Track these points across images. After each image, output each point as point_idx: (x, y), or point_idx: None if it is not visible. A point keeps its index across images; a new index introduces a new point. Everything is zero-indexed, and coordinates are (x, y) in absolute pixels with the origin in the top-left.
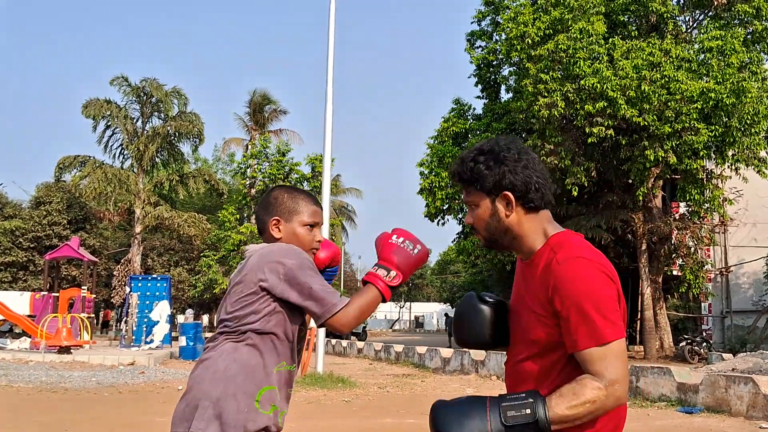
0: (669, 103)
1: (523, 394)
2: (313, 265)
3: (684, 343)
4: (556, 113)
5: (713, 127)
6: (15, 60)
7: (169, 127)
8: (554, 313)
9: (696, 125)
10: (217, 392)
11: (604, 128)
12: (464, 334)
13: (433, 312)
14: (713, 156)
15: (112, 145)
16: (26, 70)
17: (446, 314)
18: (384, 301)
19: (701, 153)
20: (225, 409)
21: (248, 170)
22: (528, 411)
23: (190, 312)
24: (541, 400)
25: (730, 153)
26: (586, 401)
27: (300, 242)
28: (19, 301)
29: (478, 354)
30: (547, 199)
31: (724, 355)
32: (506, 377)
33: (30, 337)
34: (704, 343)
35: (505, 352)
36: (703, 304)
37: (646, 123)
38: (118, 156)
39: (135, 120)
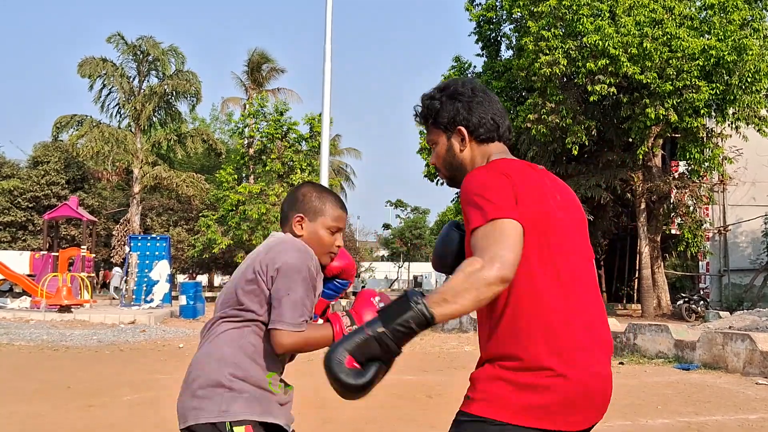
0: (670, 61)
1: (404, 313)
2: (313, 278)
3: (681, 302)
4: (557, 71)
5: (714, 85)
6: (9, 18)
7: (166, 86)
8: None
9: (697, 83)
10: (227, 378)
11: (605, 86)
12: (434, 258)
13: (431, 272)
14: (714, 114)
15: (108, 105)
16: (21, 27)
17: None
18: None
19: (702, 111)
20: (243, 390)
21: (246, 129)
22: (414, 326)
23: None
24: (420, 302)
25: (730, 111)
26: (462, 273)
27: (320, 244)
28: (18, 261)
29: (476, 313)
30: (501, 132)
31: (721, 313)
32: None
33: (30, 296)
34: (701, 302)
35: None
36: (700, 263)
37: (647, 81)
38: (115, 115)
39: (131, 79)
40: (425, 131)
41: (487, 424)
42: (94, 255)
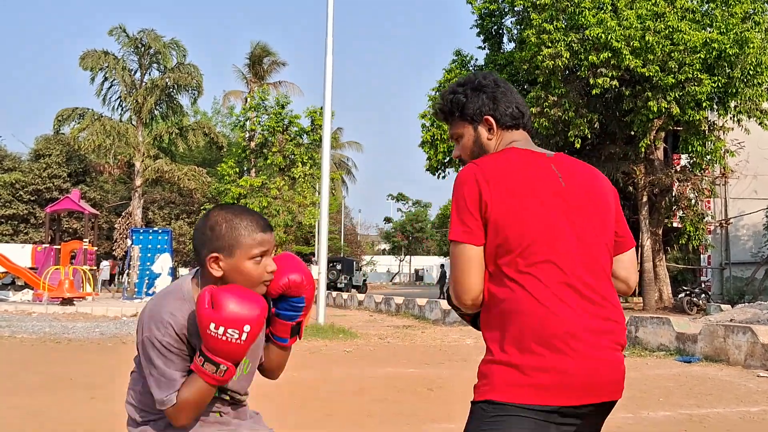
0: (672, 54)
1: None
2: (170, 343)
3: (683, 295)
4: (560, 64)
5: (716, 78)
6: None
7: (167, 79)
8: None
9: (699, 76)
10: (139, 416)
11: (608, 79)
12: None
13: (433, 265)
14: (715, 107)
15: (110, 98)
16: (23, 21)
17: (442, 265)
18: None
19: (704, 104)
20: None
21: (247, 123)
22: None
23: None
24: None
25: (732, 104)
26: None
27: (247, 280)
28: (20, 254)
29: None
30: (525, 120)
31: (722, 306)
32: None
33: (32, 289)
34: (703, 295)
35: None
36: (702, 256)
37: (649, 74)
38: (117, 108)
39: (133, 72)
40: (449, 126)
41: (489, 405)
42: (96, 248)
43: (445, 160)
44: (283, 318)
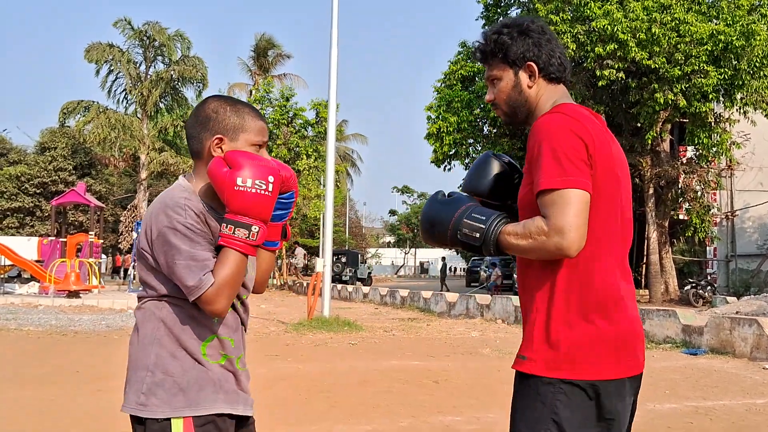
0: (679, 46)
1: (484, 218)
2: (192, 224)
3: (689, 287)
4: (566, 55)
5: (722, 70)
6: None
7: (172, 72)
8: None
9: (705, 68)
10: (151, 358)
11: (614, 71)
12: (465, 181)
13: (438, 258)
14: (722, 99)
15: (115, 90)
16: (28, 14)
17: (443, 258)
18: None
19: (710, 96)
20: (167, 374)
21: None
22: (477, 235)
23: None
24: (498, 225)
25: (738, 96)
26: (529, 236)
27: None
28: (26, 247)
29: (483, 298)
30: (567, 75)
31: (728, 298)
32: None
33: (38, 281)
34: (709, 287)
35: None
36: (708, 248)
37: (656, 66)
38: (122, 101)
39: (138, 65)
40: (486, 68)
41: (567, 385)
42: (102, 241)
43: (451, 152)
44: (275, 219)
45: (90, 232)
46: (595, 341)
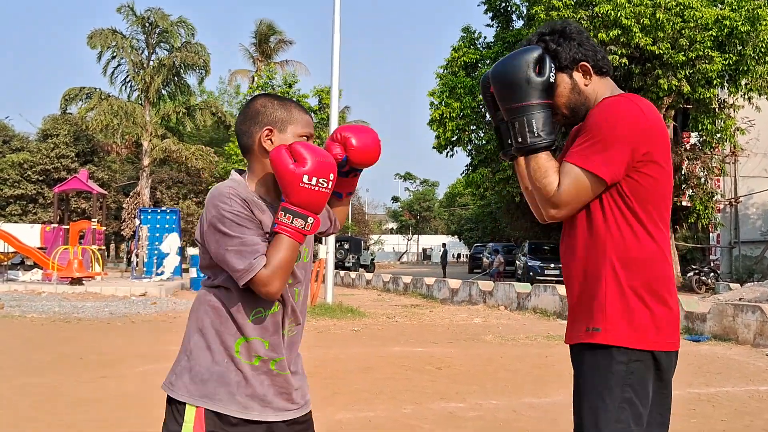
0: (683, 31)
1: (544, 129)
2: (240, 212)
3: (692, 274)
4: None
5: (727, 56)
6: None
7: (174, 58)
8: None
9: (710, 53)
10: (191, 343)
11: (617, 57)
12: (495, 74)
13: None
14: (726, 85)
15: (117, 77)
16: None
17: (443, 244)
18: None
19: (714, 82)
20: (197, 362)
21: None
22: (520, 139)
23: None
24: (539, 149)
25: (743, 82)
26: (543, 178)
27: None
28: (29, 234)
29: (486, 285)
30: (611, 67)
31: (731, 285)
32: None
33: (41, 269)
34: (712, 273)
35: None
36: (711, 235)
37: (660, 51)
38: (124, 88)
39: (140, 51)
40: None
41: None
42: (104, 228)
43: (454, 139)
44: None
45: (93, 219)
46: (662, 317)
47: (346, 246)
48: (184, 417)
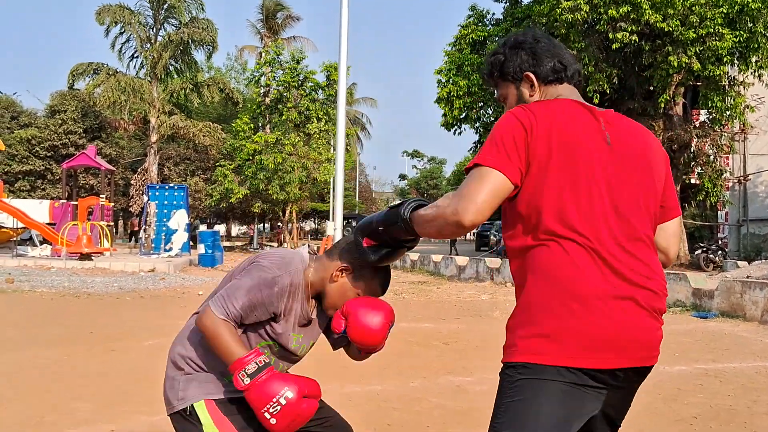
0: (693, 8)
1: (400, 203)
2: (274, 286)
3: (699, 251)
4: (579, 17)
5: (738, 33)
6: None
7: (182, 34)
8: None
9: (720, 30)
10: (186, 367)
11: (627, 33)
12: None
13: None
14: (736, 62)
15: (125, 53)
16: None
17: None
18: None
19: (725, 59)
20: (197, 373)
21: (262, 78)
22: (395, 218)
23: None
24: (410, 206)
25: (753, 59)
26: (435, 206)
27: (342, 298)
28: (38, 210)
29: (493, 262)
30: (569, 73)
31: (739, 262)
32: None
33: (50, 244)
34: (720, 251)
35: None
36: (719, 213)
37: (669, 28)
38: (132, 64)
39: (148, 27)
40: (495, 88)
41: (518, 368)
42: (112, 204)
43: (461, 116)
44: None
45: (101, 195)
46: (564, 328)
47: (354, 223)
48: (201, 419)
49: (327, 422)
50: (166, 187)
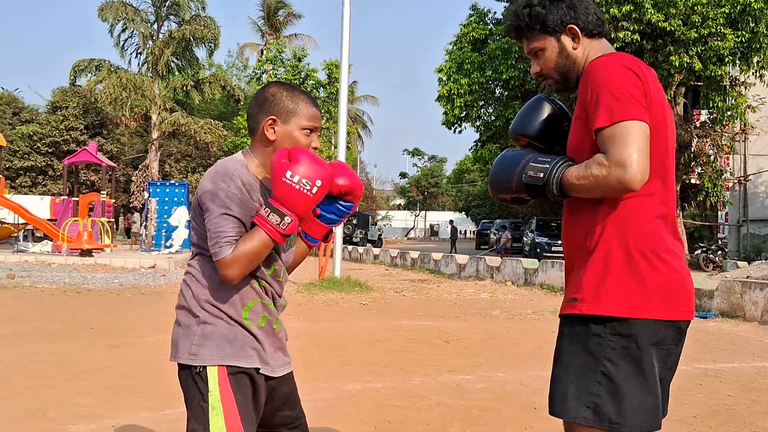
0: (695, 8)
1: (549, 159)
2: (234, 195)
3: (699, 251)
4: None
5: (739, 33)
6: None
7: (184, 31)
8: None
9: (722, 30)
10: (200, 312)
11: (629, 33)
12: (515, 122)
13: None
14: (738, 62)
15: (127, 49)
16: None
17: (451, 221)
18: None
19: (726, 59)
20: (215, 327)
21: (263, 76)
22: (541, 175)
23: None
24: (561, 167)
25: (755, 59)
26: (590, 175)
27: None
28: (39, 206)
29: (493, 260)
30: (605, 26)
31: (739, 263)
32: None
33: (51, 240)
34: (720, 252)
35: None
36: (720, 213)
37: (671, 28)
38: (134, 61)
39: (150, 24)
40: (524, 43)
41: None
42: (113, 200)
43: (462, 115)
44: (326, 221)
45: (102, 192)
46: (655, 283)
47: (354, 221)
48: (208, 385)
49: (298, 424)
50: (167, 184)
